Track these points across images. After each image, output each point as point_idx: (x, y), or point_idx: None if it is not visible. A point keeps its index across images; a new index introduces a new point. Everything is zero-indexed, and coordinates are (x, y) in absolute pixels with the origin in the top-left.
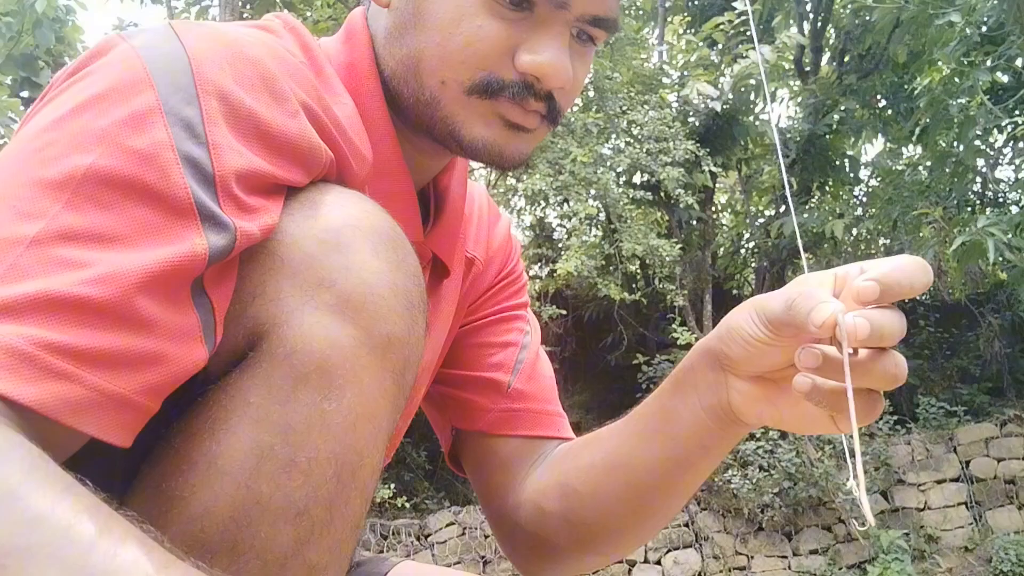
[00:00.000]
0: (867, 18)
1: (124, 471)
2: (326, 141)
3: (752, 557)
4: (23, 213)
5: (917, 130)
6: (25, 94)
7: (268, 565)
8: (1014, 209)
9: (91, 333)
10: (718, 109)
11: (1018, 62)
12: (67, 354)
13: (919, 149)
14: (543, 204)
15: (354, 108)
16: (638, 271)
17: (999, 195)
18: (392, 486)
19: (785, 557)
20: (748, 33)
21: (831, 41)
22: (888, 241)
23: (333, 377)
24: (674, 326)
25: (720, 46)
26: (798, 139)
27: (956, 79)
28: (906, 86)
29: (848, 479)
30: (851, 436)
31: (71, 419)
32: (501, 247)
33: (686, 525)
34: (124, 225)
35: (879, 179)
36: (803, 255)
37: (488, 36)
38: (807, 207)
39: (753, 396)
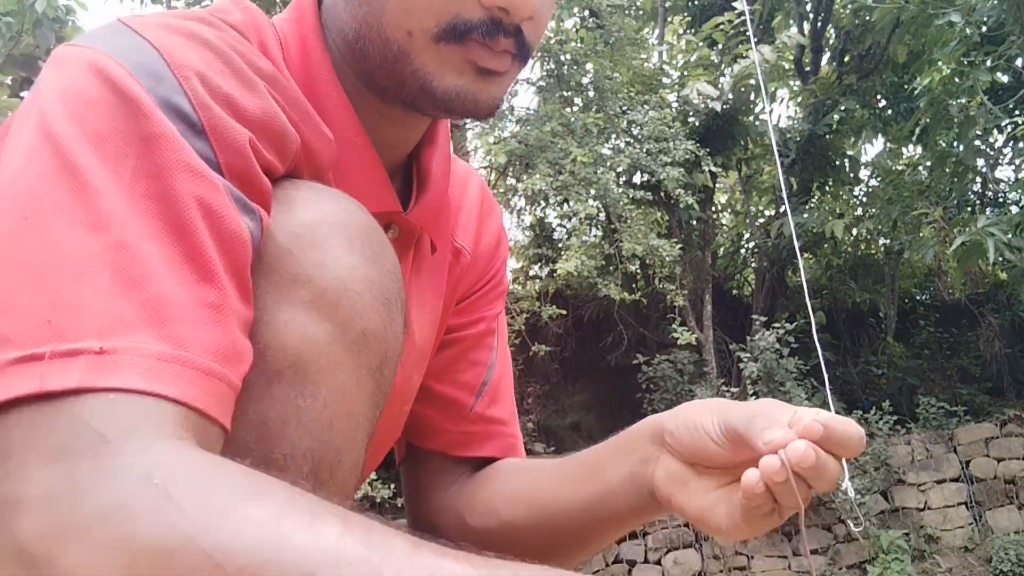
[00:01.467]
0: (867, 18)
1: None
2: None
3: (752, 557)
4: (92, 224)
5: (917, 130)
6: (25, 94)
7: None
8: (1014, 209)
9: (213, 330)
10: (718, 109)
11: (1018, 62)
12: (209, 352)
13: (919, 149)
14: (543, 204)
15: (297, 90)
16: (638, 271)
17: (999, 195)
18: (392, 486)
19: (785, 557)
20: (748, 33)
21: (831, 41)
22: (888, 241)
23: (308, 373)
24: (674, 326)
25: (720, 46)
26: (798, 139)
27: (956, 79)
28: (906, 86)
29: (843, 482)
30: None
31: (222, 416)
32: (491, 243)
33: (686, 525)
34: (189, 219)
35: (879, 179)
36: (800, 257)
37: None
38: (807, 207)
39: (676, 478)
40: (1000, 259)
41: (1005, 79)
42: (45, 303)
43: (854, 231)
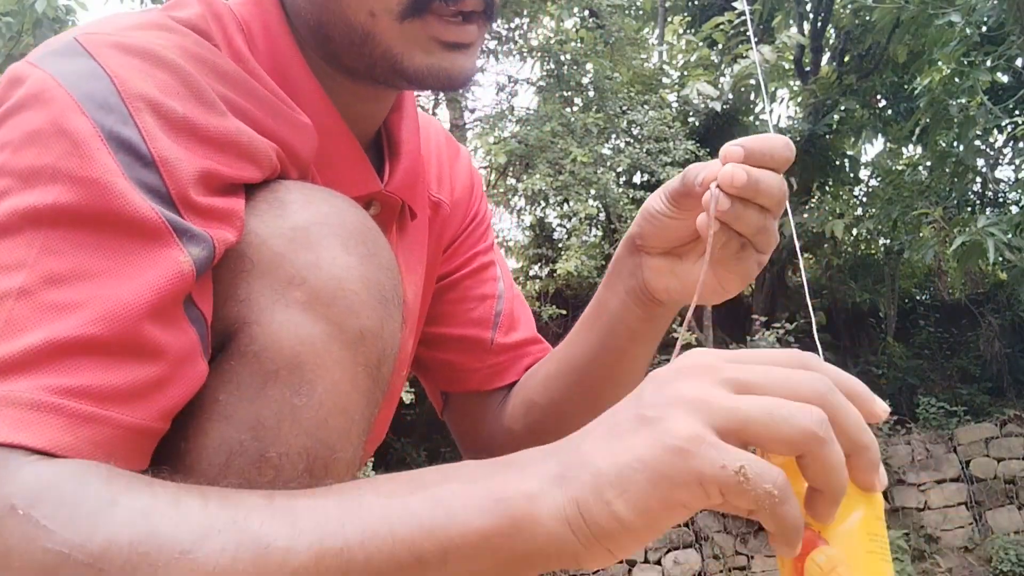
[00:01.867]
0: (867, 18)
1: None
2: (263, 132)
3: (752, 557)
4: (2, 266)
5: (917, 130)
6: None
7: None
8: (1014, 209)
9: (105, 371)
10: (718, 109)
11: (1018, 62)
12: (88, 396)
13: (919, 149)
14: (543, 204)
15: (271, 84)
16: None
17: (999, 195)
18: None
19: None
20: (748, 33)
21: (831, 41)
22: (888, 241)
23: (303, 372)
24: (674, 326)
25: (720, 46)
26: (798, 139)
27: (956, 79)
28: (906, 86)
29: None
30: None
31: (105, 459)
32: (465, 187)
33: (686, 525)
34: (106, 259)
35: (879, 179)
36: (800, 257)
37: None
38: (807, 207)
39: (662, 271)
40: (1000, 259)
41: (1005, 79)
42: None
43: (854, 231)
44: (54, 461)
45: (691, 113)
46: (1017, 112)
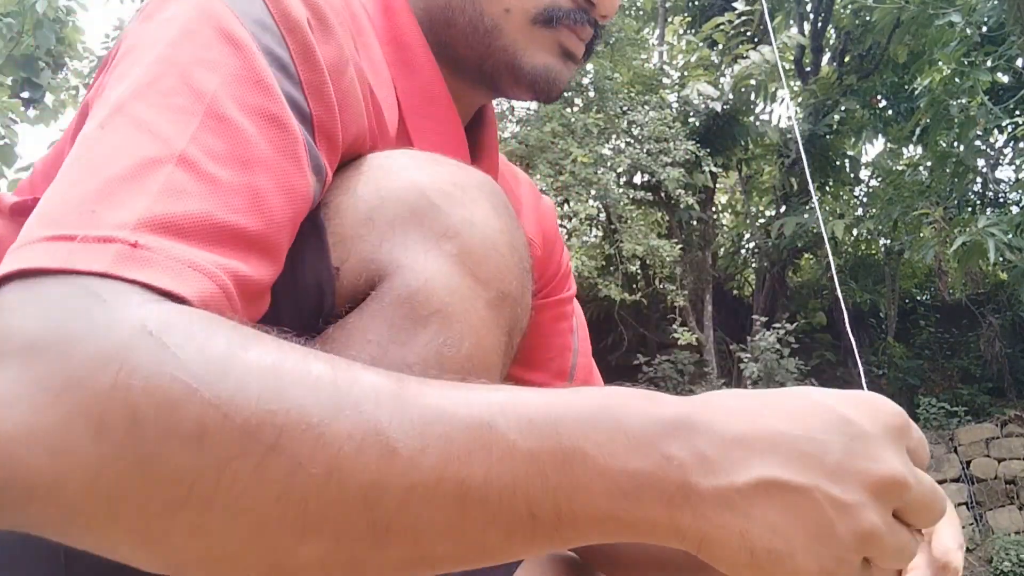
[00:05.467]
0: (867, 18)
1: None
2: (363, 88)
3: None
4: (162, 137)
5: (917, 130)
6: (25, 94)
7: None
8: (1014, 209)
9: (254, 266)
10: (718, 109)
11: (1018, 62)
12: (235, 279)
13: (919, 149)
14: None
15: (381, 56)
16: (638, 271)
17: (999, 195)
18: None
19: None
20: (748, 33)
21: (831, 41)
22: (889, 241)
23: (452, 324)
24: (675, 326)
25: (720, 46)
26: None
27: (956, 79)
28: (906, 86)
29: None
30: None
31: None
32: (552, 232)
33: None
34: (263, 158)
35: (879, 179)
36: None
37: None
38: (807, 207)
39: None
40: (1000, 259)
41: (1005, 79)
42: (99, 193)
43: (854, 231)
44: (184, 306)
45: (691, 113)
46: (1017, 112)
